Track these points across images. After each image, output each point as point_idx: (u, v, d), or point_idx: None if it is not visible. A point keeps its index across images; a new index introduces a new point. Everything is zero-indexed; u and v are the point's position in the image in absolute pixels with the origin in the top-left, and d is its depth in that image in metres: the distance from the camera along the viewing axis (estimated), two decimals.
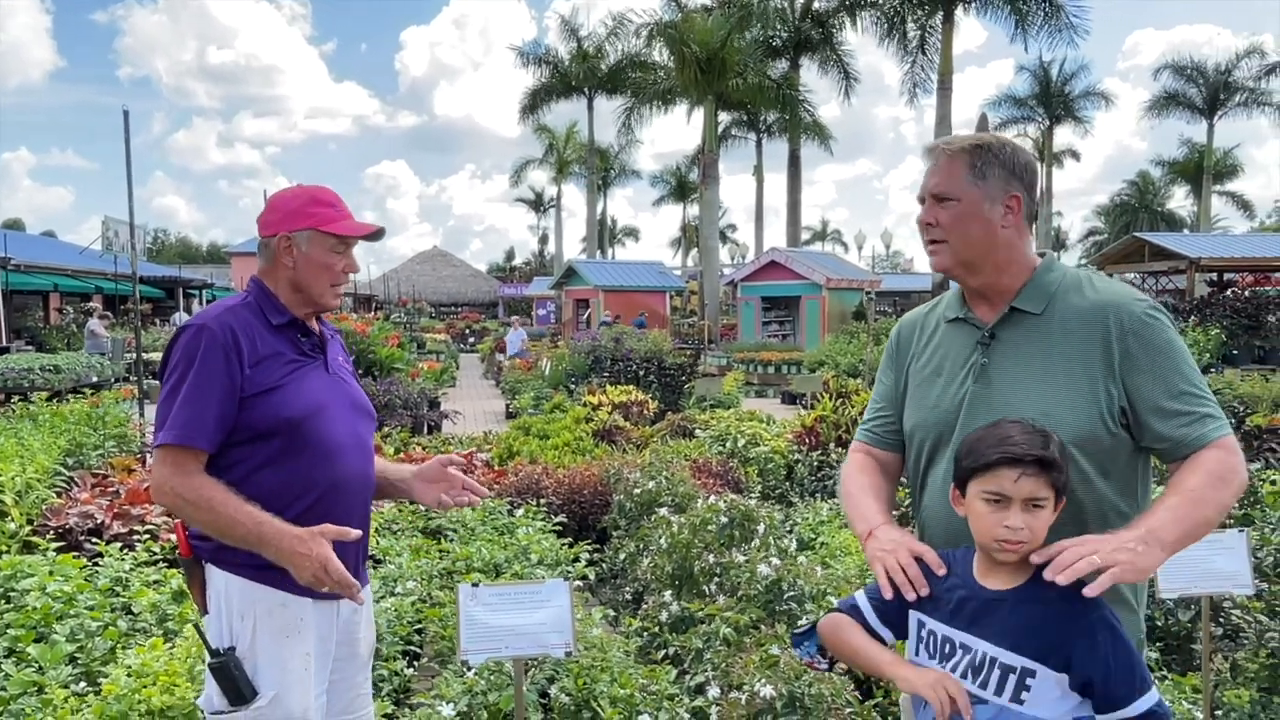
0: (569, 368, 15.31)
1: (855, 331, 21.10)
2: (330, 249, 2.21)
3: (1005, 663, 1.65)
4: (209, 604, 2.11)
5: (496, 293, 55.79)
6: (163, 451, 2.04)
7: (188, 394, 2.04)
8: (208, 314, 2.14)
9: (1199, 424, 1.76)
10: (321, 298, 2.24)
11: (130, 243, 9.31)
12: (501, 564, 4.77)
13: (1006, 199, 1.87)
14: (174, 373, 2.07)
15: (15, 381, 13.67)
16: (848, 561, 4.60)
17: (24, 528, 5.15)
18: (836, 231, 74.80)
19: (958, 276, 1.96)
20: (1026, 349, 1.85)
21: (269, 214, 2.23)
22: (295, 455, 2.11)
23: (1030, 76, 42.48)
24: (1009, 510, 1.64)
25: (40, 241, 36.50)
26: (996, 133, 1.94)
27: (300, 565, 1.99)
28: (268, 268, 2.23)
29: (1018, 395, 1.82)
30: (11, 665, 3.40)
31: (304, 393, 2.16)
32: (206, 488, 2.02)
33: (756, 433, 8.18)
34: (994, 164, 1.87)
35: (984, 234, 1.88)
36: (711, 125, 29.27)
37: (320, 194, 2.25)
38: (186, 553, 2.13)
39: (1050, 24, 25.84)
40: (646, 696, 3.31)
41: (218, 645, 2.07)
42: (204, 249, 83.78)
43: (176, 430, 2.02)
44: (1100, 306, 1.82)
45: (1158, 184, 55.67)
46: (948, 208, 1.89)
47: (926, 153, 1.96)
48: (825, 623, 1.86)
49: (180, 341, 2.08)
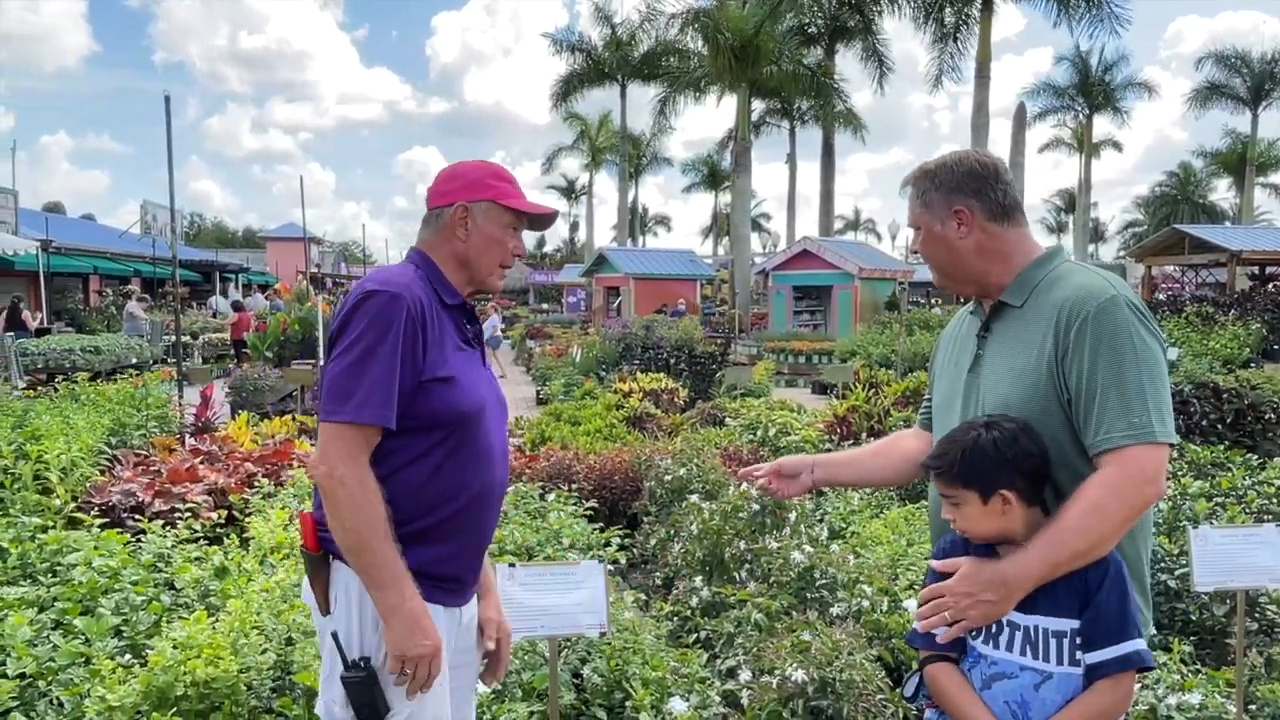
0: (600, 355, 15.36)
1: (888, 322, 20.94)
2: (506, 225, 2.09)
3: (1055, 629, 1.76)
4: (333, 604, 1.92)
5: (527, 279, 55.90)
6: (342, 429, 1.83)
7: (378, 367, 1.84)
8: (396, 280, 1.93)
9: (1106, 427, 1.75)
10: (490, 276, 2.10)
11: (170, 226, 9.45)
12: (534, 547, 4.82)
13: (953, 214, 1.97)
14: (360, 339, 1.85)
15: (57, 362, 13.95)
16: (879, 551, 4.60)
17: (69, 504, 5.28)
18: (870, 221, 74.35)
19: (953, 290, 2.09)
20: (1007, 341, 1.94)
21: (447, 182, 2.09)
22: (454, 454, 1.95)
23: (1069, 66, 41.88)
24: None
25: (80, 224, 37.10)
26: (957, 151, 2.01)
27: (411, 642, 1.83)
28: (434, 239, 2.08)
29: (991, 385, 1.93)
30: (60, 637, 3.49)
31: (473, 386, 2.00)
32: (372, 481, 1.84)
33: (787, 422, 8.18)
34: (931, 188, 1.99)
35: (947, 252, 2.00)
36: (745, 113, 29.13)
37: (501, 170, 2.13)
38: (315, 547, 1.93)
39: (1092, 12, 25.45)
40: (678, 679, 3.35)
41: (353, 655, 1.89)
42: (239, 234, 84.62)
43: (369, 408, 1.82)
44: (1065, 298, 1.84)
45: (1199, 175, 54.69)
46: (918, 236, 2.05)
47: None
48: (928, 677, 1.92)
49: (369, 306, 1.87)
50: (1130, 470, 1.72)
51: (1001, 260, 1.97)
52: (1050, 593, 1.75)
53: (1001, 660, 1.80)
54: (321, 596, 1.94)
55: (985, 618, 1.78)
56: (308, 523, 1.94)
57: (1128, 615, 1.73)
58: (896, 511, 5.41)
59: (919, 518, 5.32)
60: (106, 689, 2.99)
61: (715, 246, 61.21)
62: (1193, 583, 3.09)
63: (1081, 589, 1.74)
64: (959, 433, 1.86)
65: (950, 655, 1.87)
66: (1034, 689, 1.76)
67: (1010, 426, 1.80)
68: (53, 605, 3.78)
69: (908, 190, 2.07)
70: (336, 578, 1.92)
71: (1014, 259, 1.97)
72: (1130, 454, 1.73)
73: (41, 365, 13.88)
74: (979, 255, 1.97)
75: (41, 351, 14.13)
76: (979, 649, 1.83)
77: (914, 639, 1.92)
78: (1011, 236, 1.97)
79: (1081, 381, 1.78)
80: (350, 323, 1.87)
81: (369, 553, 1.82)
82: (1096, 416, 1.76)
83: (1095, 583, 1.74)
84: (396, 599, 1.82)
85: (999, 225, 1.96)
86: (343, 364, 1.85)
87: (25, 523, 4.69)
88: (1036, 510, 1.81)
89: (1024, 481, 1.78)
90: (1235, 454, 6.43)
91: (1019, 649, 1.78)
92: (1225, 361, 13.57)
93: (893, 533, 4.96)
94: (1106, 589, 1.73)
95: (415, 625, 1.84)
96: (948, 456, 1.84)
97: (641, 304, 27.58)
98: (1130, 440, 1.73)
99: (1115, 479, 1.73)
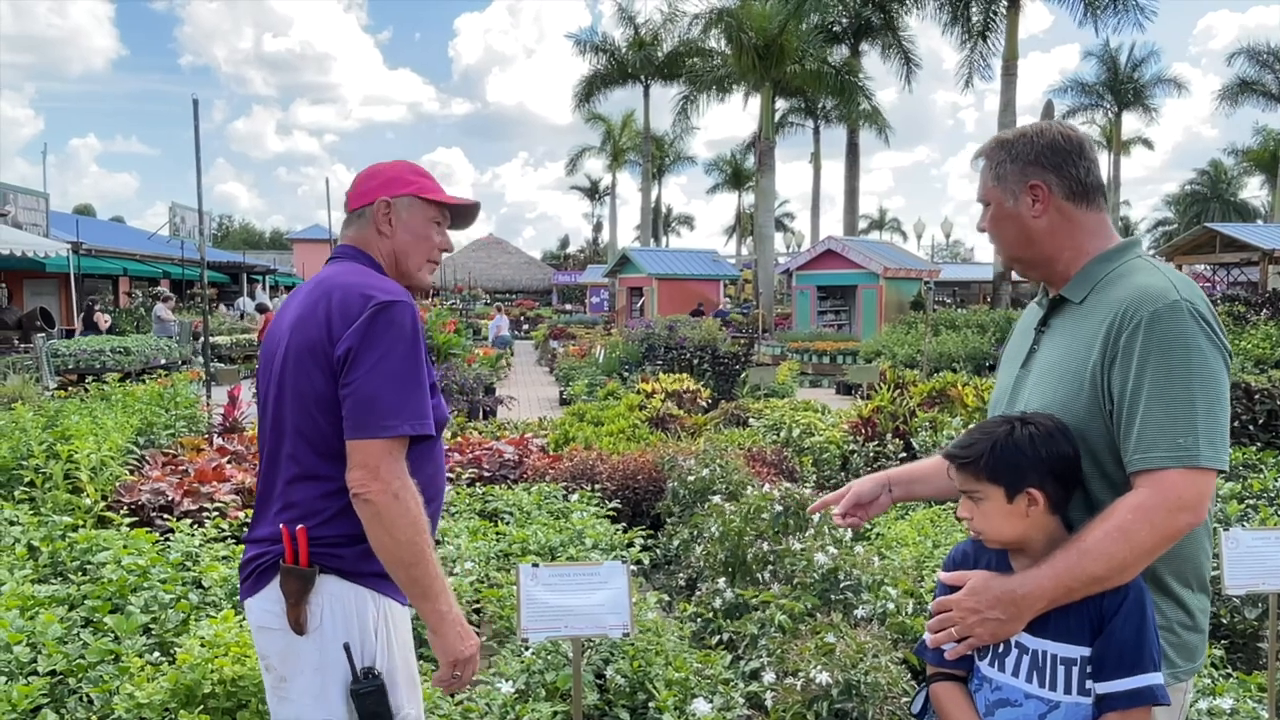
0: (623, 355, 15.37)
1: (913, 322, 20.81)
2: (429, 220, 2.09)
3: (1064, 656, 1.65)
4: (314, 621, 1.87)
5: (551, 280, 56.06)
6: (392, 444, 1.81)
7: (414, 377, 1.85)
8: (395, 288, 1.93)
9: (1147, 445, 1.60)
10: (418, 272, 2.10)
11: (199, 228, 9.55)
12: (557, 547, 4.83)
13: (1028, 189, 1.81)
14: (393, 351, 1.83)
15: (87, 363, 14.13)
16: (904, 553, 4.57)
17: (99, 503, 5.34)
18: (895, 220, 73.73)
19: (1020, 274, 1.97)
20: (1062, 338, 1.81)
21: (367, 181, 2.09)
22: (431, 458, 1.99)
23: (1098, 62, 41.46)
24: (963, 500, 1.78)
25: (110, 226, 37.61)
26: (1039, 122, 1.86)
27: (463, 645, 1.88)
28: (362, 236, 2.07)
29: (1037, 383, 1.82)
30: (89, 635, 3.54)
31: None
32: (419, 493, 1.85)
33: (811, 422, 8.15)
34: (1007, 159, 1.84)
35: (1016, 231, 1.85)
36: (768, 112, 29.05)
37: (418, 167, 2.14)
38: (305, 561, 1.86)
39: (1118, 5, 25.18)
40: (701, 680, 3.34)
41: (361, 666, 1.88)
42: (266, 235, 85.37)
43: (418, 418, 1.83)
44: (1123, 299, 1.69)
45: (1230, 173, 53.96)
46: (988, 212, 1.90)
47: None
48: (933, 696, 1.86)
49: (390, 316, 1.85)
50: (1166, 495, 1.58)
51: (1074, 246, 1.82)
52: (1062, 616, 1.65)
53: (1006, 685, 1.71)
54: (303, 613, 1.87)
55: (993, 636, 1.69)
56: (301, 536, 1.86)
57: (1145, 646, 1.61)
58: (922, 513, 5.38)
59: (945, 519, 5.28)
60: (135, 686, 3.03)
61: (739, 246, 61.08)
62: (1224, 585, 3.05)
63: (1096, 615, 1.63)
64: (991, 424, 1.76)
65: (957, 674, 1.80)
66: (1039, 719, 1.66)
67: (1047, 423, 1.69)
68: (83, 603, 3.83)
69: (979, 162, 1.92)
70: (328, 591, 1.88)
71: (1087, 246, 1.81)
72: (1169, 477, 1.58)
73: (72, 366, 14.08)
74: (1051, 237, 1.82)
75: (72, 353, 14.33)
76: (983, 670, 1.75)
77: (922, 651, 1.84)
78: (1089, 221, 1.82)
79: (1125, 391, 1.63)
80: (371, 335, 1.84)
81: (425, 565, 1.83)
82: (1138, 432, 1.61)
83: (1111, 609, 1.62)
84: (446, 606, 1.86)
85: (1077, 206, 1.81)
86: (381, 377, 1.82)
87: (56, 521, 4.75)
88: (1058, 520, 1.70)
89: (1053, 484, 1.67)
90: (1267, 455, 6.34)
91: (1025, 675, 1.68)
92: (1257, 361, 13.37)
93: (918, 534, 4.93)
94: (1123, 615, 1.61)
95: (464, 629, 1.89)
96: (975, 447, 1.72)
97: (664, 304, 27.57)
98: (1172, 462, 1.58)
99: (1148, 503, 1.58)
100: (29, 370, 12.70)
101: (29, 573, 4.14)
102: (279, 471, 1.95)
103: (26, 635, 3.41)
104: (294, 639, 1.89)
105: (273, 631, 1.92)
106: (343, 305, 1.88)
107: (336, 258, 2.08)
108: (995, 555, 1.77)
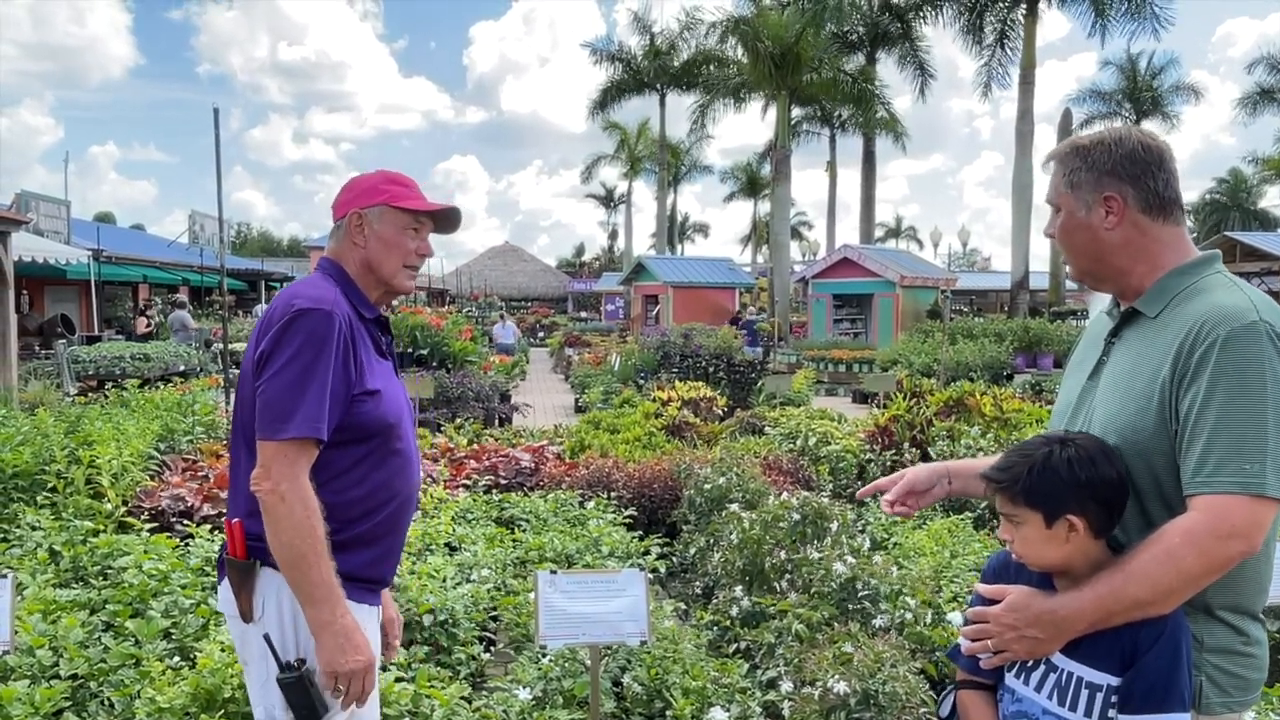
0: (638, 363, 15.38)
1: (930, 330, 20.75)
2: (403, 227, 2.13)
3: (1090, 680, 1.62)
4: (257, 611, 1.96)
5: (566, 288, 56.19)
6: (285, 446, 1.87)
7: (315, 383, 1.89)
8: (323, 296, 1.98)
9: (1210, 469, 1.53)
10: (394, 277, 2.14)
11: (219, 236, 9.62)
12: (573, 554, 4.84)
13: (1102, 200, 1.74)
14: (297, 357, 1.89)
15: (107, 369, 14.25)
16: (922, 563, 4.55)
17: (120, 509, 5.38)
18: (911, 228, 73.50)
19: (1091, 286, 1.89)
20: (1132, 352, 1.74)
21: (344, 194, 2.17)
22: (381, 463, 2.03)
23: (1116, 71, 41.25)
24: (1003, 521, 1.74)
25: (130, 234, 37.89)
26: (1118, 128, 1.78)
27: (344, 658, 1.88)
28: (339, 248, 2.14)
29: (1104, 398, 1.76)
30: (110, 639, 3.57)
31: (393, 396, 2.07)
32: (314, 498, 1.89)
33: (827, 431, 8.13)
34: (1082, 167, 1.77)
35: (1088, 242, 1.78)
36: (784, 121, 29.06)
37: (395, 175, 2.19)
38: (242, 554, 1.96)
39: (1132, 13, 25.06)
40: (718, 689, 3.34)
41: (287, 658, 1.94)
42: (284, 243, 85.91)
43: (311, 423, 1.87)
44: (1198, 316, 1.62)
45: (1250, 181, 53.56)
46: (1057, 218, 1.83)
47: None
48: (959, 702, 1.85)
49: (302, 323, 1.91)
50: (1218, 522, 1.51)
51: (1149, 260, 1.74)
52: (1094, 641, 1.61)
53: (1026, 699, 1.69)
54: (246, 603, 1.97)
55: (1030, 653, 1.66)
56: (238, 530, 1.97)
57: (1177, 683, 1.55)
58: (940, 523, 5.35)
59: (963, 529, 5.25)
60: (156, 690, 3.05)
61: (754, 254, 61.03)
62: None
63: (1129, 645, 1.58)
64: (1031, 445, 1.70)
65: (987, 682, 1.78)
66: None
67: (1089, 445, 1.64)
68: (104, 608, 3.86)
69: (1050, 165, 1.84)
70: (265, 584, 1.96)
71: (1162, 260, 1.73)
72: (1225, 503, 1.51)
73: (92, 372, 14.20)
74: (1124, 251, 1.74)
75: (92, 359, 14.45)
76: (1007, 680, 1.73)
77: (955, 655, 1.83)
78: (1166, 235, 1.74)
79: (1193, 411, 1.56)
80: (284, 340, 1.91)
81: (306, 568, 1.86)
82: (1200, 454, 1.54)
83: (1147, 641, 1.57)
84: (329, 615, 1.88)
85: (1153, 220, 1.73)
86: (282, 382, 1.89)
87: (78, 526, 4.79)
88: (1102, 544, 1.65)
89: (1095, 509, 1.62)
90: None
91: (1048, 692, 1.66)
92: None
93: (936, 544, 4.91)
94: (1158, 650, 1.56)
95: (347, 642, 1.89)
96: (1013, 470, 1.67)
97: (680, 312, 27.57)
98: (1236, 489, 1.51)
99: (1199, 529, 1.52)
100: (50, 376, 12.81)
101: (51, 577, 4.18)
102: (240, 469, 2.05)
103: (49, 639, 3.44)
104: (245, 628, 2.00)
105: (232, 619, 2.05)
106: (271, 312, 1.99)
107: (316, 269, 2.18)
108: (1042, 579, 1.72)
